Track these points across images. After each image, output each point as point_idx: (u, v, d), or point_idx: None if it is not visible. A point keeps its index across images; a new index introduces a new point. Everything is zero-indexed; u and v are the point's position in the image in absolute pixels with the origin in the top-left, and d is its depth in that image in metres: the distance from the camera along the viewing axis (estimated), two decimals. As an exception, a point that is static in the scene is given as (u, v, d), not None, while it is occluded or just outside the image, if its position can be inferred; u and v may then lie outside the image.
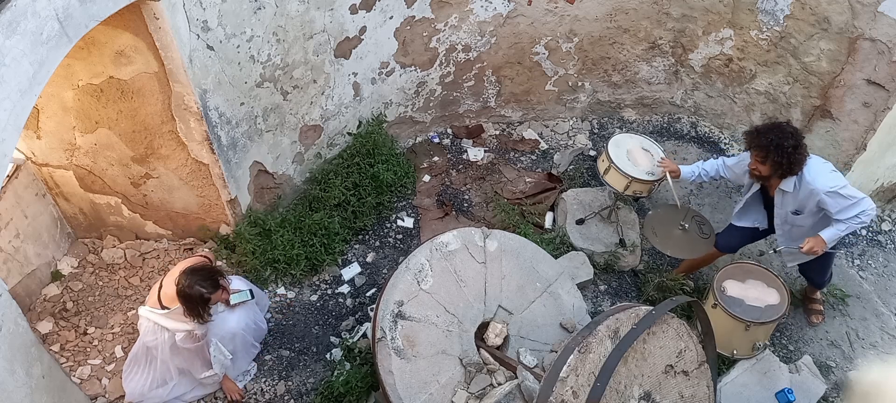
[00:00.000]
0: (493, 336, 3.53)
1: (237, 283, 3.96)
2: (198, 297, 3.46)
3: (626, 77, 5.57)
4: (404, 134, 5.49)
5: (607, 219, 4.85)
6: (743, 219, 4.18)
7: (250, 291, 3.89)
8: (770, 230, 4.11)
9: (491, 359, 3.47)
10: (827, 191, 3.59)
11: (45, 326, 4.21)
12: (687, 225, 4.30)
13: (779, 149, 3.56)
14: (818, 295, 4.51)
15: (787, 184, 3.71)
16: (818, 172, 3.65)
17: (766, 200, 4.07)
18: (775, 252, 4.19)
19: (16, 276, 4.14)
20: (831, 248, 3.86)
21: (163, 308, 3.62)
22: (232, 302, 3.79)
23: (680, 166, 4.24)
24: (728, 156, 4.24)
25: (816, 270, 4.22)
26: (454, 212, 5.06)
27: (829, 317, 4.51)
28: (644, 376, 3.02)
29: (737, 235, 4.23)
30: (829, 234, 3.72)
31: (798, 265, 4.30)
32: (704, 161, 4.20)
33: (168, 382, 3.86)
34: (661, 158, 4.37)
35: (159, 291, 3.69)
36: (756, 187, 3.97)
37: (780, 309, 3.97)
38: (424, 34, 4.89)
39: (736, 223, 4.21)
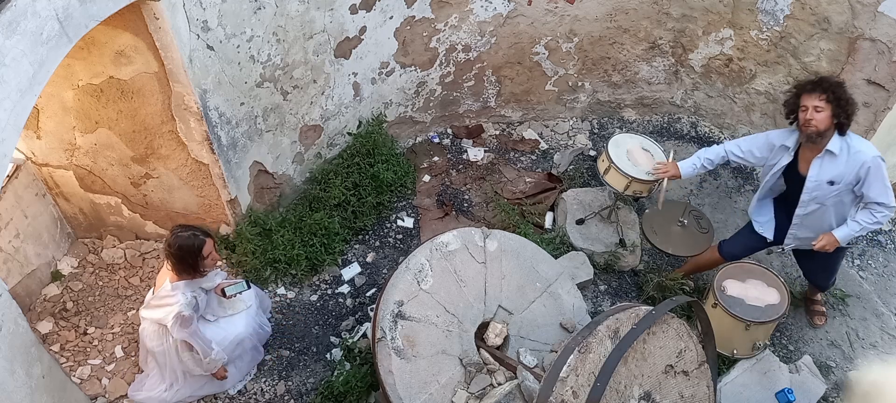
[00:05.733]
0: (493, 336, 3.53)
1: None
2: (188, 248, 3.41)
3: (626, 77, 5.57)
4: (404, 134, 5.49)
5: (607, 219, 4.85)
6: (757, 217, 4.07)
7: (247, 281, 3.85)
8: (776, 242, 4.06)
9: (491, 359, 3.47)
10: (875, 156, 3.50)
11: (45, 326, 4.21)
12: (685, 221, 4.30)
13: (842, 90, 3.47)
14: (819, 297, 4.49)
15: (835, 145, 3.55)
16: (864, 140, 3.59)
17: (778, 201, 4.00)
18: (783, 250, 4.11)
19: (16, 276, 4.14)
20: (843, 247, 3.83)
21: None
22: (228, 294, 3.76)
23: (679, 163, 4.11)
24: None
25: (822, 272, 4.18)
26: (454, 212, 5.06)
27: (829, 317, 4.51)
28: (644, 376, 3.02)
29: (743, 243, 4.16)
30: (843, 233, 3.67)
31: (803, 267, 4.28)
32: (704, 150, 4.06)
33: (174, 384, 3.85)
34: (657, 164, 4.27)
35: (155, 290, 3.69)
36: (779, 170, 3.79)
37: (780, 308, 3.97)
38: (424, 34, 4.90)
39: (754, 221, 4.07)
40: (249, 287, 3.85)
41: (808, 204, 3.77)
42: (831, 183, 3.65)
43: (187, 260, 3.45)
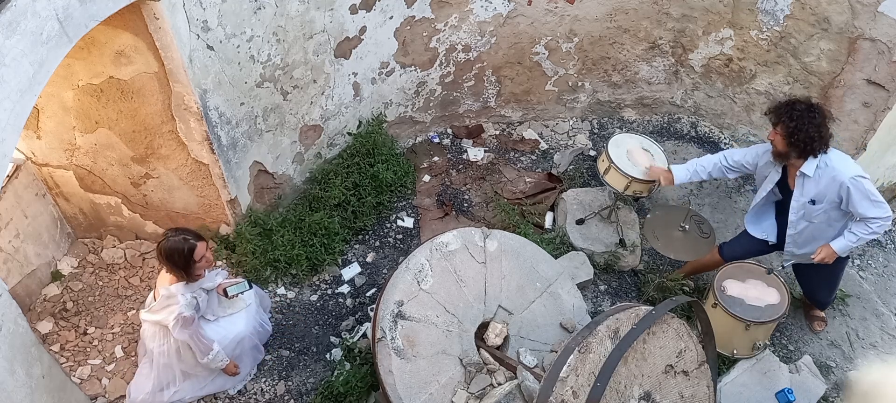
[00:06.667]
0: (493, 337, 3.53)
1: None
2: (178, 252, 3.39)
3: (626, 77, 5.57)
4: (404, 134, 5.49)
5: (607, 219, 4.85)
6: (755, 227, 4.08)
7: (248, 281, 3.85)
8: (778, 245, 4.06)
9: (491, 359, 3.47)
10: (852, 177, 3.49)
11: (45, 326, 4.21)
12: (687, 227, 4.31)
13: (791, 119, 3.48)
14: None
15: (809, 167, 3.58)
16: (842, 160, 3.57)
17: (779, 207, 4.01)
18: (783, 267, 4.14)
19: (16, 276, 4.14)
20: (842, 259, 3.82)
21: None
22: (230, 294, 3.76)
23: (673, 168, 4.12)
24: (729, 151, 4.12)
25: (822, 287, 4.18)
26: (454, 212, 5.06)
27: (829, 317, 4.51)
28: (644, 376, 3.02)
29: (744, 246, 4.15)
30: (840, 245, 3.68)
31: (802, 284, 4.27)
32: (699, 158, 4.11)
33: (171, 385, 3.85)
34: (648, 167, 4.27)
35: (155, 292, 3.69)
36: (770, 185, 3.85)
37: (780, 308, 3.97)
38: (424, 34, 4.90)
39: (750, 229, 4.09)
40: (251, 287, 3.85)
41: (798, 224, 3.82)
42: (812, 202, 3.68)
43: (179, 264, 3.43)
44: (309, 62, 4.35)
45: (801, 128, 3.48)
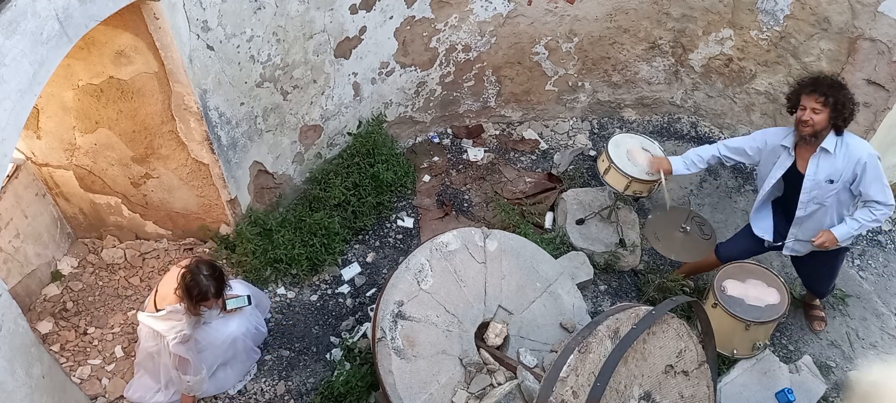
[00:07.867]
0: (493, 337, 3.52)
1: (237, 287, 3.95)
2: (198, 291, 3.47)
3: (626, 77, 5.57)
4: (404, 134, 5.49)
5: (607, 219, 4.85)
6: (757, 224, 4.06)
7: (248, 297, 3.87)
8: (773, 246, 4.06)
9: (491, 359, 3.47)
10: (870, 154, 3.50)
11: (45, 326, 4.21)
12: (688, 228, 4.30)
13: (841, 93, 3.47)
14: (818, 301, 4.48)
15: (830, 143, 3.56)
16: (858, 139, 3.60)
17: (775, 207, 4.01)
18: (778, 247, 4.12)
19: (16, 276, 4.14)
20: (842, 247, 3.81)
21: (157, 311, 3.62)
22: (229, 308, 3.78)
23: (671, 158, 4.13)
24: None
25: (820, 277, 4.18)
26: (454, 212, 5.06)
27: (829, 317, 4.51)
28: (644, 376, 3.02)
29: (740, 246, 4.15)
30: (842, 231, 3.67)
31: (801, 273, 4.27)
32: (696, 148, 4.09)
33: (169, 385, 3.85)
34: (650, 158, 4.29)
35: (155, 295, 3.69)
36: (780, 171, 3.79)
37: (780, 308, 3.97)
38: (424, 34, 4.90)
39: (754, 225, 4.07)
40: (250, 302, 3.87)
41: (808, 205, 3.76)
42: (830, 181, 3.64)
43: (191, 296, 3.50)
44: (309, 62, 4.36)
45: (849, 103, 3.50)
